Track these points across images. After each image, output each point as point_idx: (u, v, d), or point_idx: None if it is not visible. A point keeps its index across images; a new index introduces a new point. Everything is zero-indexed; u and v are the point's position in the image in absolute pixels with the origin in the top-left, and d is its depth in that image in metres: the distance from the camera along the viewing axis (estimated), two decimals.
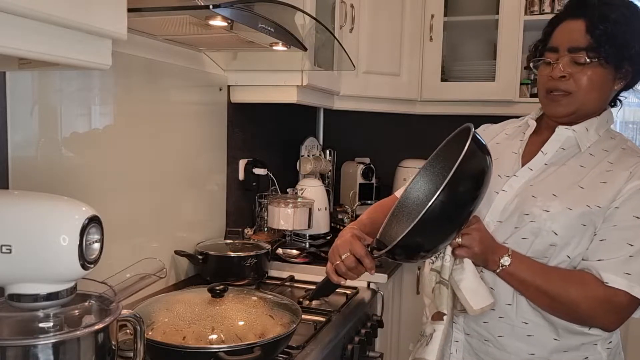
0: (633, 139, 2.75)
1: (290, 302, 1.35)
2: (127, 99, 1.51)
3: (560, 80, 1.18)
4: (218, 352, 1.09)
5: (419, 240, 1.10)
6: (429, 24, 2.45)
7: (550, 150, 1.23)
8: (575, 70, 1.17)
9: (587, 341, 1.18)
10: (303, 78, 1.88)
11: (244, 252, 1.80)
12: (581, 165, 1.19)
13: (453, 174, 1.03)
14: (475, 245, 1.13)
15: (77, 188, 1.34)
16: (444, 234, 1.11)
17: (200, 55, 1.86)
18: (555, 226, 1.14)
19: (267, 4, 1.35)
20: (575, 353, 1.18)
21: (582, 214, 1.13)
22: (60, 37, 0.78)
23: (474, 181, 1.08)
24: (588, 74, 1.16)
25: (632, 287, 1.08)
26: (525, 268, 1.14)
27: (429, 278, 1.21)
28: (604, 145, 1.22)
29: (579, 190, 1.16)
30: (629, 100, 2.71)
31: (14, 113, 1.17)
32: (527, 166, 1.24)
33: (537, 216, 1.16)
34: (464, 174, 1.05)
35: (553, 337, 1.17)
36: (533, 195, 1.18)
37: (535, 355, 1.18)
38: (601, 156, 1.20)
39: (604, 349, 1.19)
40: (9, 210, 0.82)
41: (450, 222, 1.10)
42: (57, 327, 0.83)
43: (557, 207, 1.15)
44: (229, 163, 2.09)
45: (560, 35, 1.20)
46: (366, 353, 1.57)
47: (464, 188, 1.07)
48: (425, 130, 2.81)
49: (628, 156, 1.19)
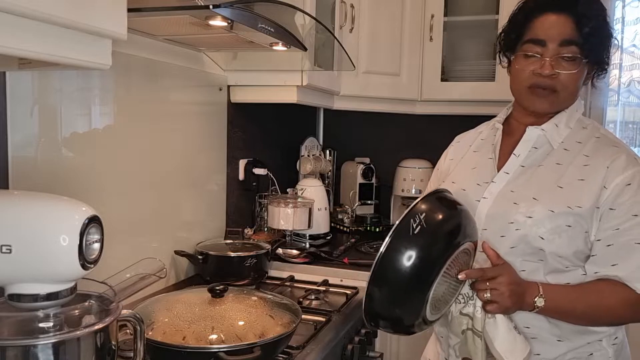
0: (633, 139, 2.74)
1: (290, 302, 1.35)
2: (127, 98, 1.51)
3: (548, 77, 1.16)
4: (218, 352, 1.09)
5: (394, 313, 1.08)
6: (429, 24, 2.45)
7: (522, 151, 1.23)
8: (563, 68, 1.16)
9: (593, 339, 1.18)
10: (303, 78, 1.88)
11: (244, 252, 1.79)
12: (557, 162, 1.18)
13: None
14: (506, 301, 1.08)
15: (77, 188, 1.34)
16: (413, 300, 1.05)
17: (200, 55, 1.86)
18: (541, 231, 1.13)
19: (267, 4, 1.35)
20: (580, 350, 1.18)
21: (565, 214, 1.13)
22: (60, 37, 0.78)
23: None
24: (574, 72, 1.16)
25: None
26: (560, 300, 1.12)
27: (459, 320, 1.16)
28: (577, 136, 1.21)
29: (559, 191, 1.15)
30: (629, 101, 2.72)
31: (14, 113, 1.17)
32: (503, 170, 1.23)
33: (522, 223, 1.15)
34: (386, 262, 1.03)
35: (556, 339, 1.17)
36: (515, 202, 1.17)
37: (540, 356, 1.18)
38: (576, 149, 1.19)
39: (609, 345, 1.19)
40: (9, 210, 0.82)
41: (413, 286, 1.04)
42: (57, 327, 0.83)
43: (539, 211, 1.14)
44: (229, 163, 2.09)
45: (545, 27, 1.16)
46: (366, 353, 1.57)
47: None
48: (425, 130, 2.81)
49: (603, 146, 1.18)
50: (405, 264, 1.02)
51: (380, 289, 1.04)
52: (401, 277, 1.02)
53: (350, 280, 1.87)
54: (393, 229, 1.04)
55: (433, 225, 1.05)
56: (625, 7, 2.68)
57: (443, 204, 1.12)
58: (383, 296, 1.05)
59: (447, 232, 1.06)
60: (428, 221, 1.05)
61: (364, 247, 2.26)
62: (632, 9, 2.69)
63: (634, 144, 2.74)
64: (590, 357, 1.18)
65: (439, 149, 1.58)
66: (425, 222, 1.04)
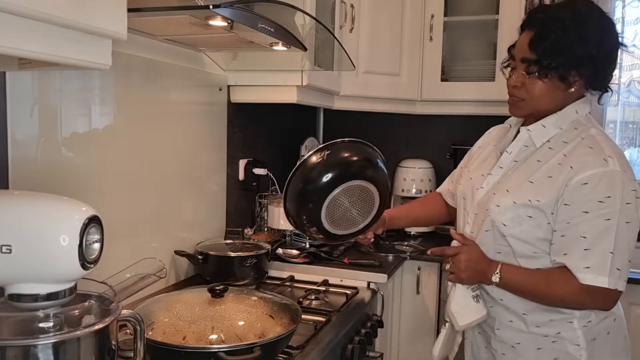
0: (633, 139, 2.74)
1: (290, 302, 1.35)
2: (127, 99, 1.51)
3: (514, 88, 1.32)
4: (218, 352, 1.09)
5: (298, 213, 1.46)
6: (429, 24, 2.45)
7: (514, 149, 1.36)
8: (527, 80, 1.28)
9: (557, 318, 1.29)
10: (303, 78, 1.88)
11: (244, 252, 1.79)
12: (538, 160, 1.30)
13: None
14: (461, 273, 1.33)
15: (77, 188, 1.34)
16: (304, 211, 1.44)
17: (200, 55, 1.86)
18: (504, 218, 1.29)
19: (267, 4, 1.35)
20: (547, 328, 1.30)
21: (525, 206, 1.26)
22: (60, 37, 0.78)
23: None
24: (537, 84, 1.28)
25: (595, 278, 1.20)
26: (514, 280, 1.29)
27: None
28: (565, 137, 1.30)
29: (528, 185, 1.28)
30: (629, 101, 2.72)
31: (14, 113, 1.17)
32: (497, 165, 1.37)
33: (492, 210, 1.32)
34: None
35: (522, 312, 1.32)
36: (494, 193, 1.34)
37: (513, 323, 1.34)
38: (559, 148, 1.29)
39: (580, 327, 1.28)
40: (9, 210, 0.82)
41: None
42: (57, 327, 0.83)
43: (506, 202, 1.29)
44: (229, 163, 2.09)
45: (518, 44, 1.31)
46: (366, 353, 1.57)
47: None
48: (425, 130, 2.81)
49: (580, 147, 1.26)
50: (306, 183, 1.41)
51: (290, 194, 1.43)
52: (304, 190, 1.41)
53: (350, 280, 1.87)
54: (308, 154, 1.40)
55: (330, 161, 1.39)
56: (625, 7, 2.67)
57: (353, 150, 1.45)
58: (292, 201, 1.44)
59: (339, 169, 1.39)
60: (329, 157, 1.39)
61: (363, 247, 2.26)
62: (632, 9, 2.69)
63: (634, 144, 2.74)
64: (558, 335, 1.29)
65: (439, 149, 1.59)
66: (326, 157, 1.39)
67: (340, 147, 1.42)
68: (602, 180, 1.20)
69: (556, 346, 1.29)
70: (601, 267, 1.19)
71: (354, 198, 1.43)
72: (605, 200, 1.19)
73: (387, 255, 2.13)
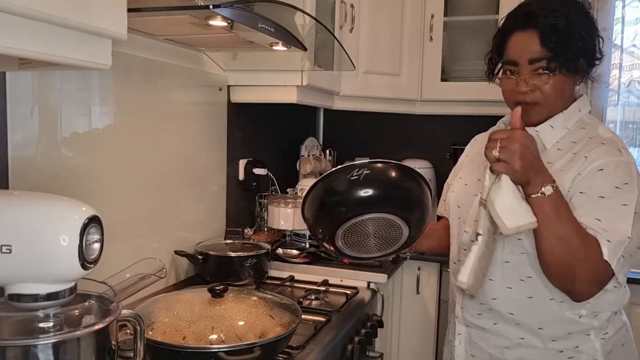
0: (633, 138, 2.74)
1: (290, 302, 1.35)
2: (127, 99, 1.51)
3: (525, 94, 1.21)
4: (218, 352, 1.09)
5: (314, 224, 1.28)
6: (429, 24, 2.45)
7: None
8: (539, 81, 1.20)
9: (575, 330, 1.21)
10: (303, 78, 1.88)
11: (244, 252, 1.79)
12: (548, 162, 1.20)
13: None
14: (515, 162, 1.08)
15: (77, 188, 1.34)
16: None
17: (200, 55, 1.86)
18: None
19: (267, 4, 1.35)
20: (564, 342, 1.22)
21: None
22: (60, 37, 0.78)
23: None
24: (551, 83, 1.20)
25: (612, 257, 1.10)
26: (562, 207, 1.12)
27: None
28: (573, 137, 1.24)
29: None
30: (629, 101, 2.72)
31: (14, 113, 1.17)
32: None
33: None
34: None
35: (537, 326, 1.22)
36: None
37: (524, 340, 1.24)
38: (568, 148, 1.23)
39: (597, 339, 1.21)
40: (9, 210, 0.82)
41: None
42: (57, 327, 0.83)
43: None
44: (229, 163, 2.09)
45: (516, 47, 1.22)
46: (366, 353, 1.57)
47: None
48: (425, 130, 2.81)
49: (591, 144, 1.20)
50: (331, 197, 1.21)
51: (312, 201, 1.25)
52: (323, 204, 1.23)
53: (350, 280, 1.87)
54: (342, 166, 1.18)
55: (364, 183, 1.15)
56: (625, 7, 2.67)
57: (396, 174, 1.24)
58: (311, 208, 1.26)
59: (368, 197, 1.17)
60: (366, 178, 1.14)
61: None
62: (632, 9, 2.69)
63: (634, 144, 2.73)
64: (576, 349, 1.21)
65: (439, 149, 1.59)
66: (363, 177, 1.14)
67: (392, 169, 1.24)
68: (619, 167, 1.15)
69: None
70: (616, 249, 1.10)
71: (380, 229, 1.24)
72: (622, 186, 1.13)
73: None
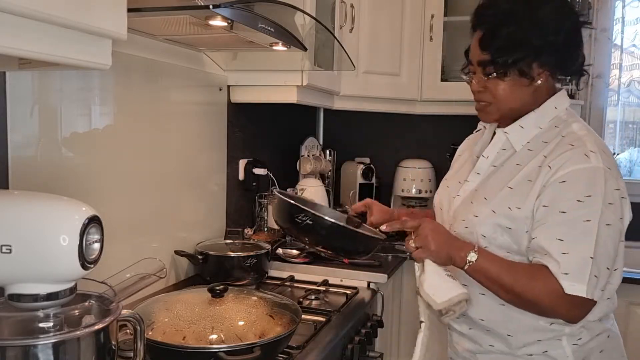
0: (633, 138, 2.74)
1: (290, 302, 1.35)
2: (127, 99, 1.51)
3: (478, 93, 1.24)
4: (218, 352, 1.09)
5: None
6: (429, 24, 2.45)
7: (491, 153, 1.26)
8: (489, 82, 1.20)
9: (545, 337, 1.18)
10: (303, 78, 1.88)
11: (244, 252, 1.79)
12: (518, 163, 1.20)
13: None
14: (429, 243, 1.16)
15: (77, 188, 1.34)
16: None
17: (200, 55, 1.86)
18: (483, 229, 1.18)
19: (267, 4, 1.35)
20: (533, 347, 1.19)
21: (505, 216, 1.16)
22: (60, 37, 0.78)
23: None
24: (499, 85, 1.19)
25: (573, 286, 1.07)
26: (492, 264, 1.14)
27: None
28: (545, 136, 1.20)
29: (507, 191, 1.18)
30: (629, 101, 2.72)
31: (14, 113, 1.17)
32: (474, 170, 1.28)
33: (469, 221, 1.21)
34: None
35: (507, 333, 1.21)
36: (472, 201, 1.24)
37: (494, 347, 1.23)
38: (539, 149, 1.19)
39: (569, 345, 1.17)
40: (9, 210, 0.82)
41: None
42: (57, 327, 0.83)
43: (484, 211, 1.19)
44: (229, 163, 2.09)
45: (472, 47, 1.22)
46: (366, 353, 1.57)
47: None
48: (425, 130, 2.81)
49: (561, 146, 1.16)
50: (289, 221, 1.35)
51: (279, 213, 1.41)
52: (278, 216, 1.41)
53: (350, 280, 1.87)
54: (294, 203, 1.33)
55: (303, 229, 1.31)
56: (625, 7, 2.68)
57: (334, 236, 1.34)
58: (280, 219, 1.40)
59: (308, 239, 1.38)
60: (306, 227, 1.30)
61: None
62: (632, 9, 2.69)
63: (634, 144, 2.74)
64: (545, 354, 1.18)
65: (439, 149, 1.59)
66: (304, 224, 1.30)
67: (334, 230, 1.32)
68: (582, 177, 1.10)
69: None
70: (580, 275, 1.07)
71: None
72: (584, 199, 1.08)
73: (387, 255, 2.13)
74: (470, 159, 1.34)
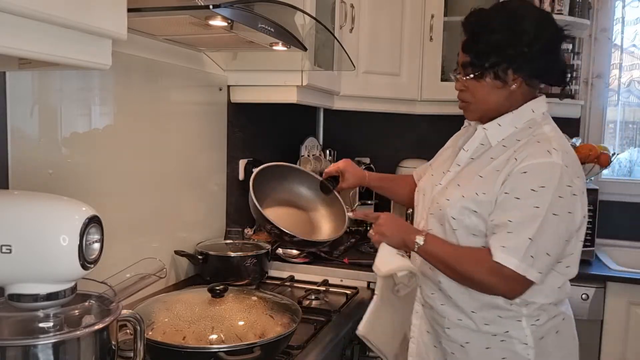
0: (633, 138, 2.74)
1: (290, 302, 1.35)
2: (127, 99, 1.51)
3: (460, 92, 1.37)
4: (218, 352, 1.09)
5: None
6: (429, 24, 2.45)
7: (471, 147, 1.38)
8: (468, 83, 1.34)
9: (505, 315, 1.28)
10: (303, 78, 1.88)
11: (244, 252, 1.79)
12: (492, 157, 1.31)
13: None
14: (385, 231, 1.34)
15: (77, 188, 1.34)
16: None
17: (200, 55, 1.86)
18: (452, 212, 1.30)
19: (267, 4, 1.35)
20: (495, 327, 1.29)
21: (472, 200, 1.27)
22: (60, 37, 0.78)
23: None
24: (477, 86, 1.32)
25: (507, 258, 1.19)
26: (437, 246, 1.30)
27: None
28: (519, 135, 1.31)
29: (477, 179, 1.29)
30: (629, 101, 2.72)
31: (14, 113, 1.17)
32: (455, 162, 1.39)
33: (442, 204, 1.33)
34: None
35: (470, 310, 1.31)
36: (447, 187, 1.36)
37: (462, 322, 1.33)
38: (511, 145, 1.30)
39: (528, 325, 1.28)
40: (9, 210, 0.82)
41: None
42: (57, 327, 0.83)
43: (455, 195, 1.31)
44: (229, 163, 2.09)
45: (460, 50, 1.36)
46: (366, 353, 1.57)
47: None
48: (425, 130, 2.81)
49: (530, 143, 1.27)
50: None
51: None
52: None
53: (350, 280, 1.87)
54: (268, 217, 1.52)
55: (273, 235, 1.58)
56: (625, 7, 2.68)
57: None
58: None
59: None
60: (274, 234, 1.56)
61: (363, 247, 2.26)
62: (632, 9, 2.69)
63: (634, 144, 2.73)
64: (507, 334, 1.29)
65: (439, 149, 1.59)
66: (273, 234, 1.56)
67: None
68: (540, 170, 1.21)
69: (505, 345, 1.29)
70: (516, 250, 1.19)
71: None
72: (538, 189, 1.20)
73: None
74: (454, 152, 1.45)
